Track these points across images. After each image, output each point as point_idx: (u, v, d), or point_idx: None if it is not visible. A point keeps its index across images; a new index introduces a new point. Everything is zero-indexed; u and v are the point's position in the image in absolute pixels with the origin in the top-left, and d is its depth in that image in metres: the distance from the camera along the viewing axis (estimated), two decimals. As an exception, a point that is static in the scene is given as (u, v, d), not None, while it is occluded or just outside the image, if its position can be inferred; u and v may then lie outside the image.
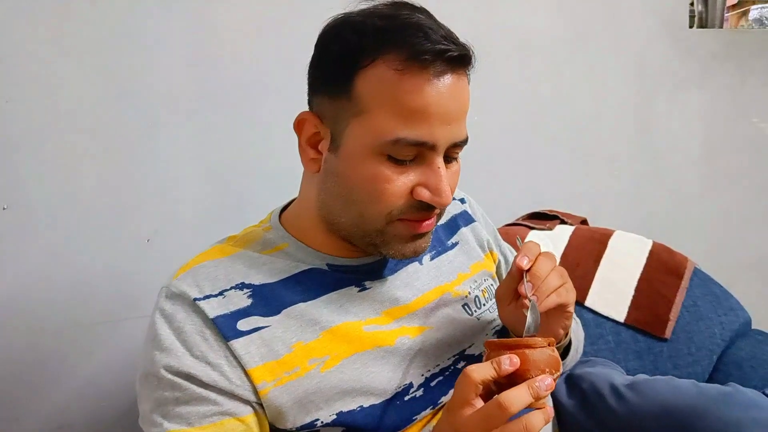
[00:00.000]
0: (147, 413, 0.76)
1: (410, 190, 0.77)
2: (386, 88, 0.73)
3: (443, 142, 0.76)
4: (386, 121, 0.73)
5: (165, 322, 0.77)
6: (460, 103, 0.77)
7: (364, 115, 0.75)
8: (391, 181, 0.75)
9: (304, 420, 0.77)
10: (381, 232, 0.79)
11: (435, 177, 0.76)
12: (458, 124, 0.77)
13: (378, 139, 0.74)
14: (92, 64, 1.17)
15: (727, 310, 1.34)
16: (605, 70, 1.80)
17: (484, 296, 0.95)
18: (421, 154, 0.76)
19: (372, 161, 0.75)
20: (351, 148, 0.76)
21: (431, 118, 0.73)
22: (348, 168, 0.77)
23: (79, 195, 1.18)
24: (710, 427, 0.81)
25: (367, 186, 0.76)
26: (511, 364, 0.67)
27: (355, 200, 0.77)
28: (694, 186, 1.98)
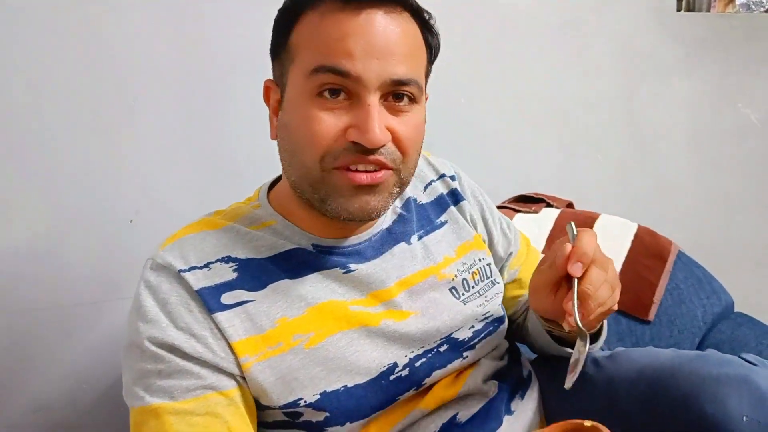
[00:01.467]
0: (129, 385, 0.76)
1: (343, 133, 0.75)
2: (311, 31, 0.75)
3: (371, 76, 0.73)
4: (310, 56, 0.75)
5: (149, 294, 0.76)
6: (390, 38, 0.75)
7: (296, 59, 0.77)
8: (321, 121, 0.74)
9: (287, 398, 0.77)
10: (321, 183, 0.77)
11: (363, 114, 0.74)
12: (392, 59, 0.75)
13: (304, 74, 0.75)
14: (73, 41, 1.15)
15: (710, 293, 1.35)
16: (592, 54, 1.79)
17: (473, 279, 0.94)
18: (352, 93, 0.75)
19: (305, 105, 0.75)
20: (290, 97, 0.78)
21: (352, 50, 0.73)
22: (289, 118, 0.78)
23: (61, 175, 1.16)
24: (683, 382, 0.81)
25: (301, 131, 0.76)
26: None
27: (294, 150, 0.78)
28: (679, 171, 1.99)
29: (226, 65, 1.29)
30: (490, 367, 0.94)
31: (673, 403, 0.81)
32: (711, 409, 0.77)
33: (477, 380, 0.91)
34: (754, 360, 0.84)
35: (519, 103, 1.70)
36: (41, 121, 1.14)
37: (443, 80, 0.88)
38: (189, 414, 0.73)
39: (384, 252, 0.89)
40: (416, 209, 0.96)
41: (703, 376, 0.80)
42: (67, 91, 1.16)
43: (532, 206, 1.52)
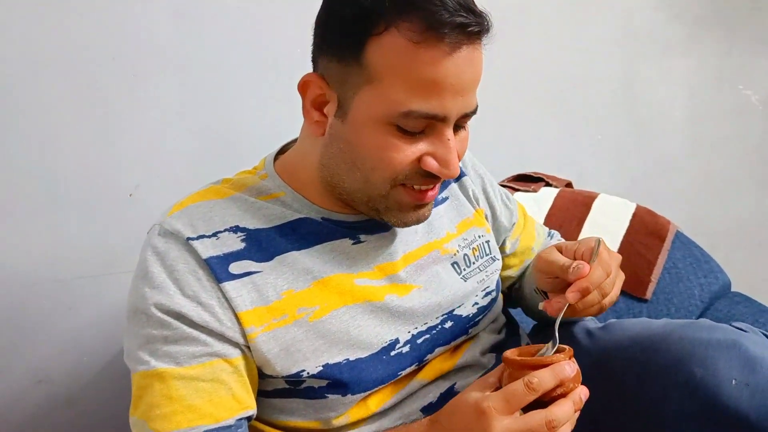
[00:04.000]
0: (134, 350, 0.76)
1: (417, 158, 0.76)
2: (400, 59, 0.70)
3: (454, 113, 0.74)
4: (399, 92, 0.71)
5: (157, 260, 0.76)
6: (473, 74, 0.75)
7: (375, 84, 0.72)
8: (400, 150, 0.74)
9: (290, 370, 0.77)
10: (384, 198, 0.78)
11: (444, 148, 0.75)
12: (470, 94, 0.76)
13: (389, 109, 0.72)
14: (71, 14, 1.14)
15: (707, 272, 1.36)
16: (592, 33, 1.78)
17: (474, 254, 0.95)
18: (431, 126, 0.75)
19: (381, 130, 0.74)
20: (360, 116, 0.74)
21: (444, 91, 0.72)
22: (355, 135, 0.75)
23: (60, 148, 1.16)
24: (673, 346, 0.81)
25: (374, 154, 0.75)
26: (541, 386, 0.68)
27: (360, 167, 0.77)
28: (678, 151, 1.99)
29: (224, 38, 1.28)
30: (488, 340, 0.95)
31: (663, 367, 0.82)
32: (700, 372, 0.77)
33: (475, 353, 0.92)
34: (745, 327, 0.85)
35: (519, 82, 1.69)
36: (39, 96, 1.13)
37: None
38: (194, 379, 0.73)
39: (390, 227, 0.89)
40: None
41: (693, 340, 0.81)
42: (65, 65, 1.15)
43: (531, 185, 1.52)
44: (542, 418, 0.66)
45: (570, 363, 0.69)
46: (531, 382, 0.66)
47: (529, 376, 0.67)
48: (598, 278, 0.80)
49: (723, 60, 2.00)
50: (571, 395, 0.68)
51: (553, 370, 0.67)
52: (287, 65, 1.28)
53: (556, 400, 0.68)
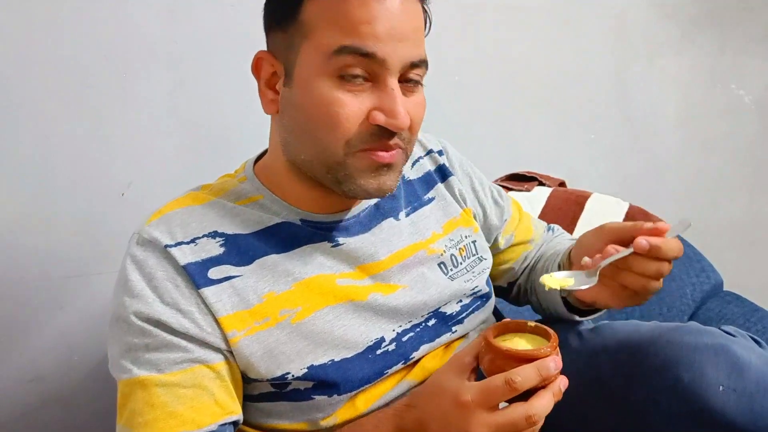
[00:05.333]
0: (116, 358, 0.76)
1: (366, 116, 0.75)
2: (332, 6, 0.73)
3: (394, 59, 0.73)
4: (332, 35, 0.73)
5: (136, 268, 0.76)
6: (410, 22, 0.75)
7: (311, 36, 0.74)
8: (344, 104, 0.74)
9: (275, 372, 0.77)
10: (342, 165, 0.76)
11: (389, 98, 0.74)
12: (411, 42, 0.75)
13: (325, 53, 0.73)
14: (62, 11, 1.14)
15: (699, 271, 1.36)
16: (585, 32, 1.79)
17: (461, 255, 0.95)
18: (374, 75, 0.74)
19: (324, 84, 0.74)
20: (303, 74, 0.75)
21: (378, 32, 0.72)
22: (302, 96, 0.76)
23: (51, 148, 1.16)
24: (661, 350, 0.81)
25: (321, 112, 0.74)
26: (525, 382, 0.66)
27: (311, 130, 0.76)
28: (671, 150, 1.99)
29: (215, 36, 1.27)
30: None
31: (651, 370, 0.81)
32: (688, 377, 0.77)
33: None
34: (734, 332, 0.85)
35: (511, 82, 1.69)
36: (31, 94, 1.13)
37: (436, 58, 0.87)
38: (176, 386, 0.73)
39: (372, 227, 0.89)
40: (404, 186, 0.96)
41: (681, 344, 0.80)
42: (57, 63, 1.14)
43: (524, 184, 1.53)
44: (523, 412, 0.65)
45: (554, 358, 0.67)
46: (513, 380, 0.65)
47: (511, 374, 0.65)
48: (673, 248, 0.77)
49: (715, 60, 2.01)
50: (551, 386, 0.67)
51: (537, 368, 0.66)
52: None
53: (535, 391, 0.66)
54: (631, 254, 0.76)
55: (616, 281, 0.80)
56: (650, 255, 0.76)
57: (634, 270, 0.78)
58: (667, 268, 0.78)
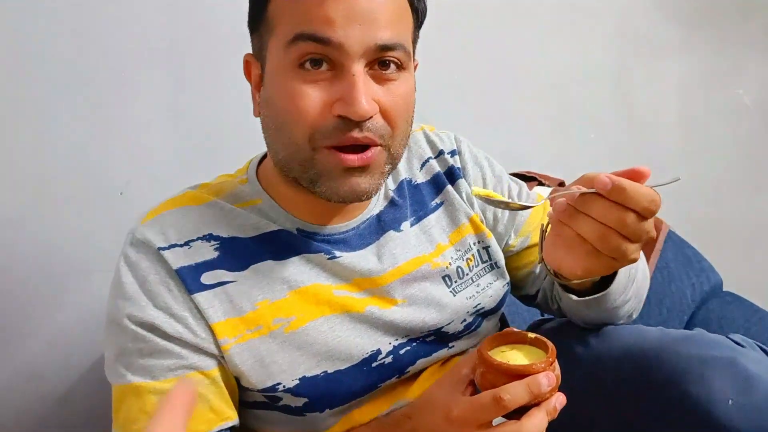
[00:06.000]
0: (111, 361, 0.75)
1: (329, 107, 0.71)
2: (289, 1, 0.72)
3: (354, 42, 0.69)
4: (288, 25, 0.71)
5: (129, 270, 0.75)
6: (373, 2, 0.70)
7: (274, 31, 0.73)
8: (305, 95, 0.70)
9: (265, 383, 0.76)
10: (311, 163, 0.73)
11: (347, 86, 0.70)
12: (376, 24, 0.70)
13: (283, 44, 0.71)
14: (61, 10, 1.13)
15: (699, 272, 1.36)
16: (586, 33, 1.78)
17: (468, 266, 0.90)
18: (336, 63, 0.71)
19: (286, 76, 0.72)
20: (271, 71, 0.75)
21: (332, 16, 0.69)
22: (271, 92, 0.75)
23: (52, 145, 1.15)
24: (668, 362, 0.79)
25: (285, 106, 0.72)
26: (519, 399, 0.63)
27: (281, 127, 0.74)
28: (670, 150, 1.99)
29: (215, 35, 1.27)
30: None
31: (658, 383, 0.79)
32: (696, 390, 0.76)
33: None
34: (742, 341, 0.82)
35: (512, 81, 1.69)
36: (29, 93, 1.13)
37: (435, 56, 0.86)
38: None
39: (371, 243, 0.85)
40: (410, 192, 0.91)
41: (689, 357, 0.78)
42: (54, 61, 1.14)
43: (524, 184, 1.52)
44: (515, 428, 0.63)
45: (548, 375, 0.64)
46: (501, 398, 0.62)
47: (500, 391, 0.63)
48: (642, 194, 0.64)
49: (716, 60, 2.01)
50: (545, 404, 0.64)
51: (528, 385, 0.63)
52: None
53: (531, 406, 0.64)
54: (592, 193, 0.65)
55: (573, 228, 0.68)
56: (612, 197, 0.64)
57: (591, 213, 0.66)
58: (632, 221, 0.65)
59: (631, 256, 0.68)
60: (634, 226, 0.65)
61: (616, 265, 0.71)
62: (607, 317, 0.90)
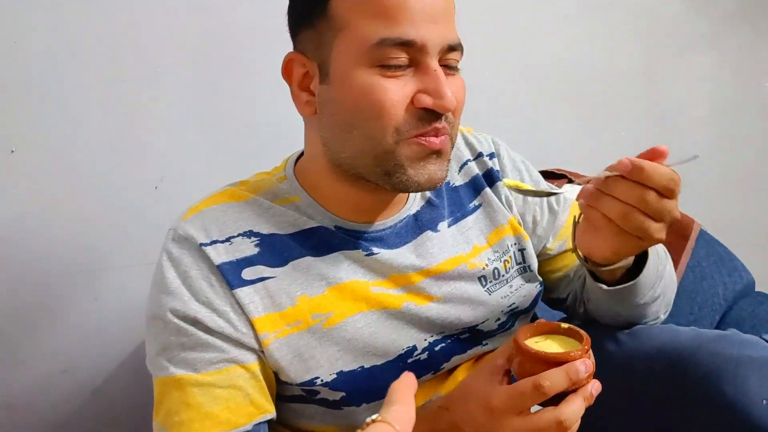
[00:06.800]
0: (153, 355, 0.77)
1: (410, 100, 0.73)
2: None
3: (433, 42, 0.72)
4: (367, 26, 0.71)
5: (171, 266, 0.76)
6: (443, 3, 0.74)
7: (344, 30, 0.73)
8: (388, 90, 0.72)
9: (304, 377, 0.77)
10: (392, 154, 0.74)
11: (433, 80, 0.73)
12: (446, 24, 0.74)
13: (363, 46, 0.72)
14: (96, 9, 1.15)
15: (731, 271, 1.35)
16: (614, 28, 1.77)
17: (505, 267, 0.91)
18: (414, 60, 0.73)
19: (364, 75, 0.72)
20: (340, 69, 0.74)
21: (413, 16, 0.71)
22: (341, 90, 0.74)
23: (87, 142, 1.17)
24: (703, 362, 0.79)
25: (364, 102, 0.73)
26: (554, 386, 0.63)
27: (356, 124, 0.74)
28: (700, 148, 1.97)
29: (247, 32, 1.28)
30: None
31: (692, 383, 0.79)
32: (730, 390, 0.76)
33: None
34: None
35: (539, 78, 1.68)
36: (66, 91, 1.14)
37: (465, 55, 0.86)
38: (211, 386, 0.74)
39: (408, 241, 0.86)
40: (448, 193, 0.92)
41: (724, 357, 0.78)
42: (90, 60, 1.15)
43: (554, 182, 1.52)
44: (553, 418, 0.63)
45: (585, 362, 0.65)
46: (541, 385, 0.63)
47: (539, 378, 0.63)
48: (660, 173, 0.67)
49: (746, 55, 1.98)
50: (582, 391, 0.65)
51: (566, 372, 0.64)
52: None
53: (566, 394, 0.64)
54: (615, 176, 0.69)
55: (600, 210, 0.71)
56: (633, 177, 0.67)
57: (614, 194, 0.69)
58: (652, 199, 0.67)
59: (656, 235, 0.70)
60: (656, 204, 0.68)
61: (642, 245, 0.72)
62: (635, 315, 0.90)
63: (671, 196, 0.68)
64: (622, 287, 0.82)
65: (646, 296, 0.86)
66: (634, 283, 0.82)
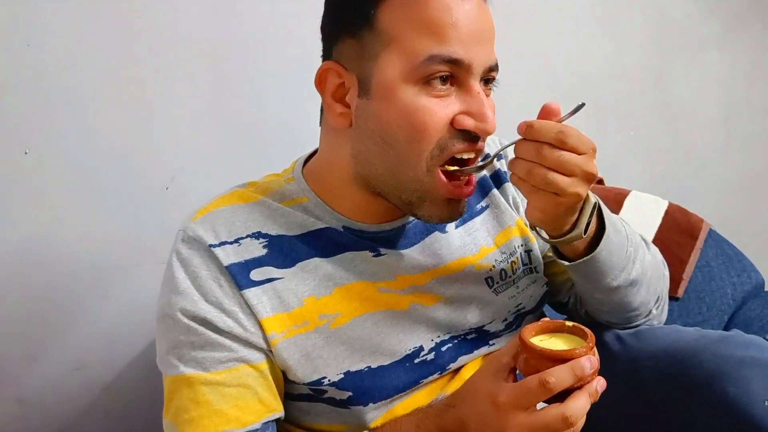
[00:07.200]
0: (164, 354, 0.78)
1: (451, 121, 0.74)
2: (412, 10, 0.72)
3: (478, 62, 0.73)
4: (418, 42, 0.71)
5: (181, 266, 0.77)
6: (487, 24, 0.75)
7: (392, 45, 0.72)
8: (433, 112, 0.72)
9: (311, 376, 0.78)
10: (419, 183, 0.75)
11: (476, 102, 0.73)
12: (489, 45, 0.75)
13: (412, 61, 0.71)
14: (110, 10, 1.16)
15: (740, 271, 1.34)
16: (625, 27, 1.77)
17: (512, 268, 0.91)
18: (458, 80, 0.73)
19: (409, 91, 0.72)
20: (384, 84, 0.73)
21: (463, 35, 0.71)
22: (383, 106, 0.74)
23: (99, 140, 1.18)
24: (706, 363, 0.80)
25: (405, 121, 0.73)
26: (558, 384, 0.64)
27: (393, 143, 0.74)
28: (711, 148, 1.97)
29: (259, 34, 1.29)
30: None
31: (695, 383, 0.80)
32: (733, 391, 0.76)
33: None
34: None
35: (551, 78, 1.68)
36: (78, 92, 1.15)
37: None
38: (221, 385, 0.75)
39: (416, 242, 0.86)
40: None
41: (727, 357, 0.79)
42: (101, 59, 1.16)
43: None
44: (559, 414, 0.63)
45: (590, 358, 0.65)
46: (547, 381, 0.63)
47: (546, 374, 0.64)
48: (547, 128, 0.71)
49: (758, 56, 1.97)
50: (587, 387, 0.65)
51: (572, 368, 0.64)
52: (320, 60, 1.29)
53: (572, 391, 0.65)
54: (518, 140, 0.73)
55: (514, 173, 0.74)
56: (527, 136, 0.71)
57: (519, 155, 0.72)
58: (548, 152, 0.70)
59: (569, 189, 0.71)
60: (552, 156, 0.70)
61: (560, 200, 0.72)
62: (619, 303, 0.89)
63: (565, 148, 0.70)
64: (581, 261, 0.81)
65: (619, 278, 0.84)
66: (593, 258, 0.81)
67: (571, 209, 0.75)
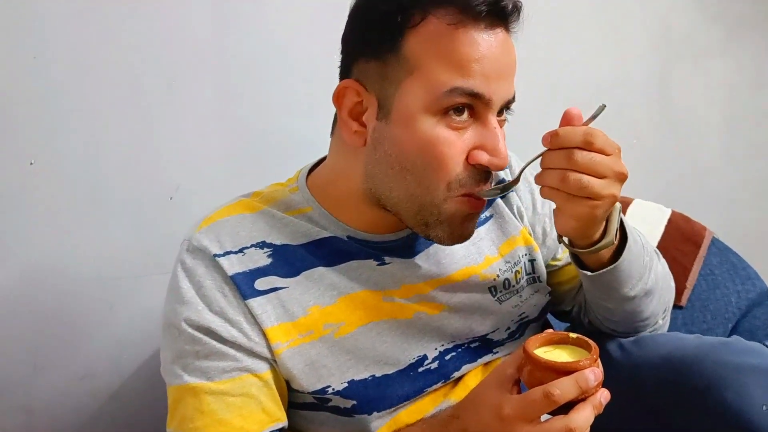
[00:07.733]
0: (168, 363, 0.78)
1: (467, 156, 0.74)
2: (440, 43, 0.72)
3: (498, 97, 0.74)
4: (442, 73, 0.72)
5: (185, 276, 0.78)
6: (510, 59, 0.76)
7: (416, 73, 0.73)
8: (450, 144, 0.73)
9: (315, 385, 0.78)
10: (438, 208, 0.76)
11: (492, 137, 0.74)
12: (511, 80, 0.76)
13: (434, 92, 0.72)
14: (115, 19, 1.17)
15: (745, 279, 1.34)
16: (627, 34, 1.77)
17: (515, 278, 0.92)
18: (476, 113, 0.74)
19: (428, 121, 0.73)
20: (405, 111, 0.74)
21: (486, 71, 0.72)
22: (402, 132, 0.74)
23: (104, 151, 1.18)
24: (706, 370, 0.80)
25: (425, 151, 0.73)
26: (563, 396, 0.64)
27: (411, 169, 0.75)
28: (714, 155, 1.96)
29: (262, 42, 1.29)
30: None
31: (695, 390, 0.81)
32: (731, 397, 0.77)
33: None
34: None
35: (552, 85, 1.68)
36: (83, 103, 1.16)
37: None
38: (225, 394, 0.75)
39: (420, 252, 0.87)
40: None
41: (726, 364, 0.80)
42: (106, 69, 1.17)
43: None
44: (563, 426, 0.64)
45: (594, 370, 0.66)
46: (552, 393, 0.64)
47: (550, 386, 0.64)
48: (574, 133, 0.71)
49: (761, 62, 1.97)
50: (591, 399, 0.66)
51: (576, 380, 0.64)
52: (326, 69, 1.29)
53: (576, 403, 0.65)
54: (545, 151, 0.73)
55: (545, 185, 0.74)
56: (553, 145, 0.71)
57: (548, 166, 0.72)
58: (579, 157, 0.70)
59: (604, 191, 0.70)
60: (583, 160, 0.69)
61: (595, 204, 0.72)
62: (629, 313, 0.90)
63: (594, 149, 0.70)
64: (605, 270, 0.82)
65: (636, 288, 0.85)
66: (616, 266, 0.81)
67: (605, 214, 0.75)
